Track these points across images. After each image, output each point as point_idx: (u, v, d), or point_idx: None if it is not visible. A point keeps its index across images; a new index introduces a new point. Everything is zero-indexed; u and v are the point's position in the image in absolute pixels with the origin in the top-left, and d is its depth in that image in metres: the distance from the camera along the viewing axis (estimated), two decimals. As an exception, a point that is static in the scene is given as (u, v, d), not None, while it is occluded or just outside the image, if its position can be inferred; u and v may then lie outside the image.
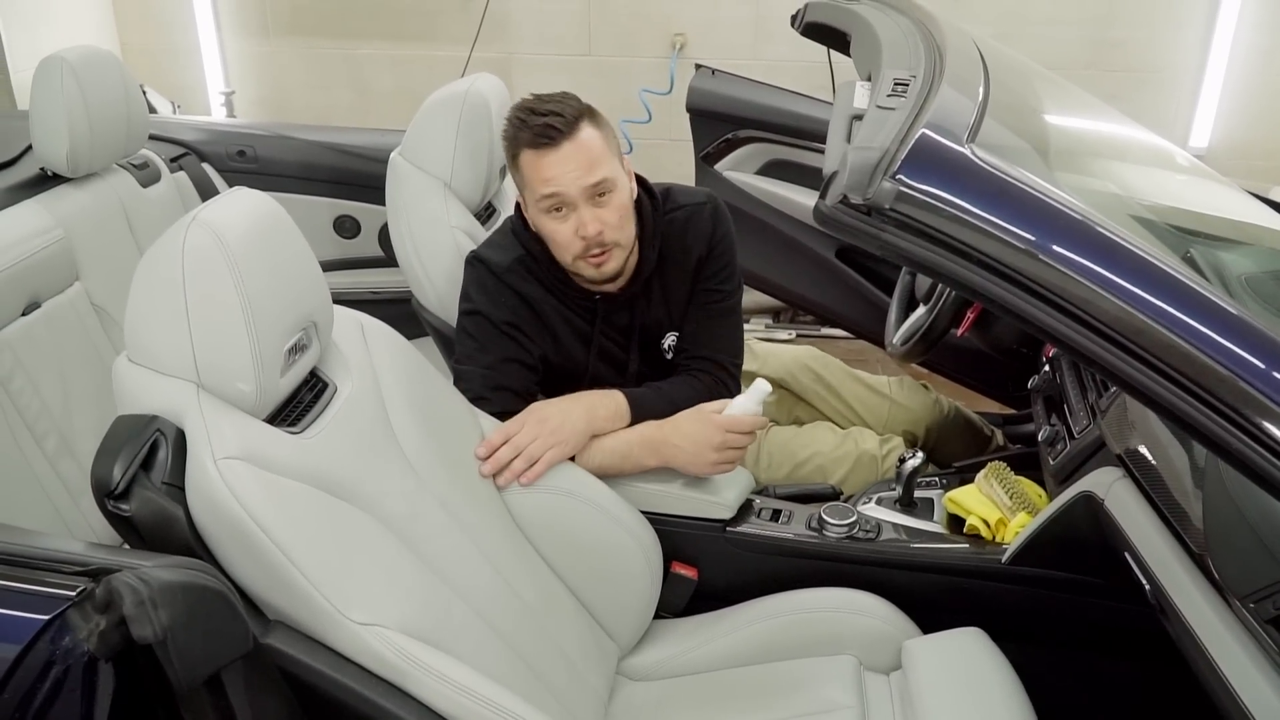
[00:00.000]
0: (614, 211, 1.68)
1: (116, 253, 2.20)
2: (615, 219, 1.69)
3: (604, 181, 1.66)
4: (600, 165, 1.66)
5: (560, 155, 1.64)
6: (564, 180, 1.65)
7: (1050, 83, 1.66)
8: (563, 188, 1.65)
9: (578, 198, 1.66)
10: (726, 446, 1.66)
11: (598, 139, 1.67)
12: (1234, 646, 1.09)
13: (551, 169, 1.65)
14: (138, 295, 1.19)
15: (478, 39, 3.87)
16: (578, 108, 1.67)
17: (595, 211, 1.67)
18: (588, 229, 1.66)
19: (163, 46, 4.14)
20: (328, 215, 2.79)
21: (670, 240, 1.81)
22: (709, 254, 1.83)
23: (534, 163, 1.67)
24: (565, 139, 1.64)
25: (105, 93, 2.14)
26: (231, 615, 1.07)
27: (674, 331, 1.86)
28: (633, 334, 1.84)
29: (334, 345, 1.40)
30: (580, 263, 1.71)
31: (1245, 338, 0.91)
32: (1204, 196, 1.68)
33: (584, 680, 1.54)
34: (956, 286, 0.97)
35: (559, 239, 1.70)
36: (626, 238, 1.72)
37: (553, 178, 1.65)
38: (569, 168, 1.64)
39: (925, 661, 1.54)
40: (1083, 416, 1.66)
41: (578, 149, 1.65)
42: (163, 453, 1.14)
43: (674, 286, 1.84)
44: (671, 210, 1.82)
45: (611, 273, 1.73)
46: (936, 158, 0.97)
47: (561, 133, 1.64)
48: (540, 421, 1.63)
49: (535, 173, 1.67)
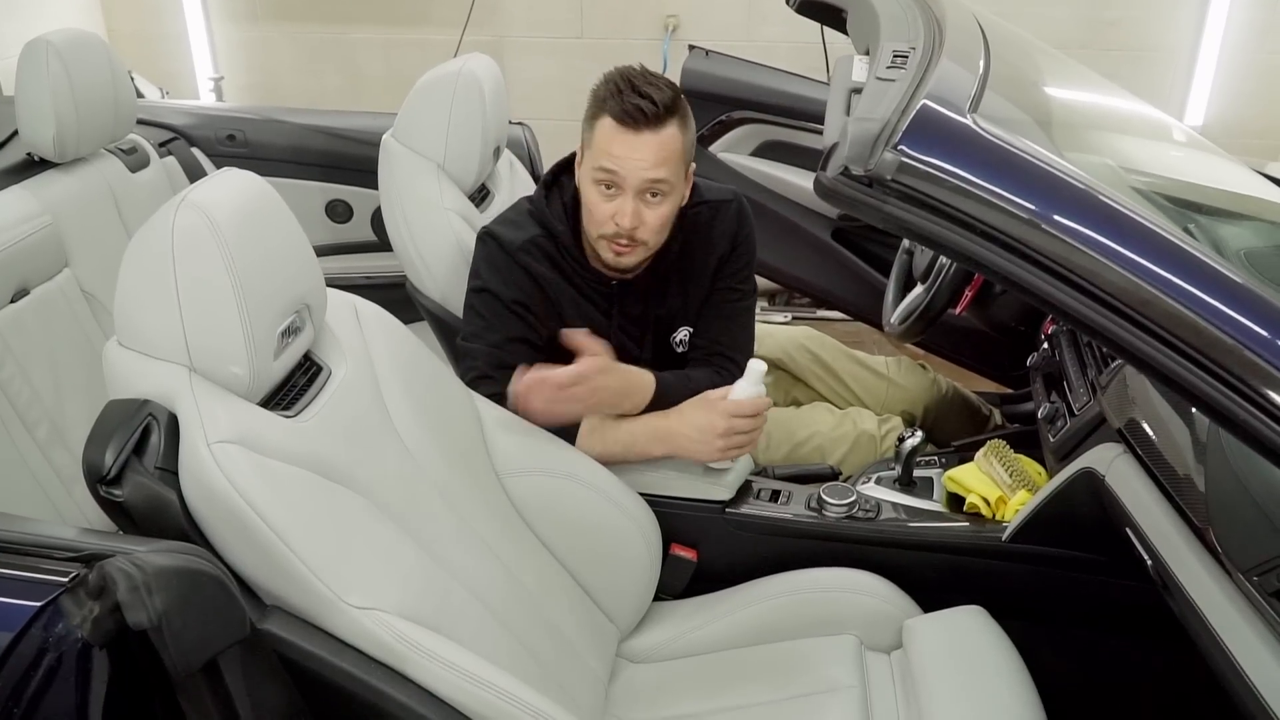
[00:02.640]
0: (658, 216, 1.66)
1: (105, 238, 2.18)
2: (656, 223, 1.67)
3: (662, 183, 1.64)
4: (667, 166, 1.63)
5: (637, 141, 1.61)
6: (629, 165, 1.62)
7: (1050, 57, 1.64)
8: (624, 171, 1.62)
9: (631, 186, 1.63)
10: (733, 432, 1.64)
11: (678, 143, 1.65)
12: (1238, 620, 1.09)
13: (623, 148, 1.62)
14: (127, 278, 1.18)
15: (469, 22, 3.84)
16: (674, 103, 1.64)
17: (640, 207, 1.65)
18: (625, 220, 1.64)
19: (150, 32, 4.11)
20: (319, 199, 2.77)
21: (693, 235, 1.79)
22: (732, 252, 1.82)
23: (608, 134, 1.63)
24: (648, 128, 1.61)
25: (91, 76, 2.12)
26: (227, 600, 1.05)
27: (687, 326, 1.84)
28: (647, 325, 1.82)
29: (328, 328, 1.39)
30: (603, 242, 1.70)
31: (1251, 307, 0.91)
32: (1205, 170, 1.67)
33: (584, 663, 1.54)
34: (959, 259, 0.96)
35: (597, 213, 1.68)
36: (656, 243, 1.71)
37: (619, 157, 1.62)
38: (639, 156, 1.62)
39: (926, 640, 1.53)
40: (1083, 393, 1.65)
41: (655, 142, 1.62)
42: (155, 437, 1.12)
43: (692, 281, 1.82)
44: (697, 204, 1.80)
45: (628, 266, 1.72)
46: (938, 128, 0.96)
47: (649, 120, 1.61)
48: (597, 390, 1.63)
49: (605, 143, 1.64)
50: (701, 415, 1.65)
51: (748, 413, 1.64)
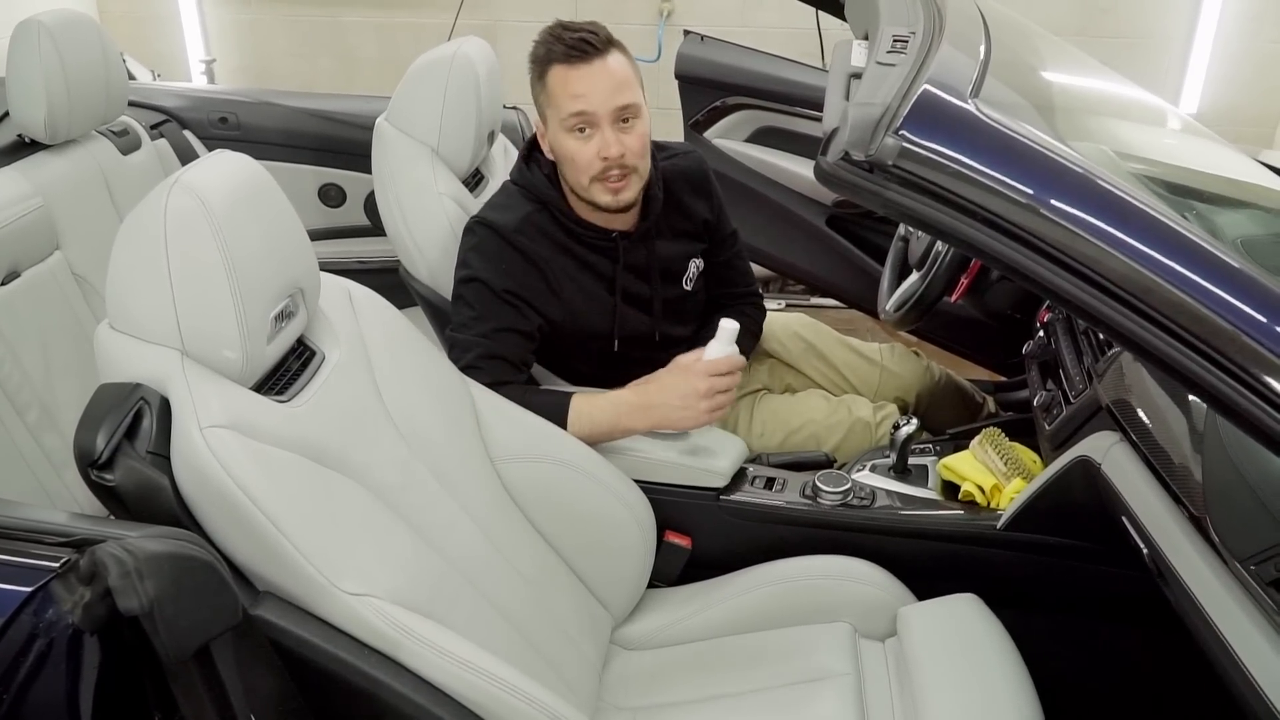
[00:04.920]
0: (637, 138, 1.72)
1: (97, 221, 2.17)
2: (638, 145, 1.72)
3: (631, 106, 1.70)
4: (628, 89, 1.70)
5: (592, 70, 1.67)
6: (594, 98, 1.67)
7: (1050, 42, 1.63)
8: (592, 106, 1.68)
9: (604, 118, 1.68)
10: (714, 391, 1.66)
11: (627, 66, 1.72)
12: (1234, 609, 1.09)
13: (582, 84, 1.68)
14: (119, 260, 1.16)
15: (462, 6, 3.81)
16: (608, 35, 1.71)
17: (619, 135, 1.70)
18: (610, 149, 1.69)
19: (142, 14, 4.08)
20: (312, 184, 2.75)
21: (672, 183, 1.87)
22: (716, 217, 1.95)
23: (564, 77, 1.69)
24: (598, 56, 1.68)
25: (83, 56, 2.10)
26: (220, 586, 1.04)
27: (694, 259, 1.95)
28: (653, 270, 1.88)
29: (321, 313, 1.37)
30: (597, 186, 1.73)
31: (1252, 295, 0.90)
32: (1203, 157, 1.66)
33: (578, 650, 1.53)
34: (960, 245, 0.95)
35: (580, 159, 1.71)
36: (645, 167, 1.76)
37: (583, 93, 1.67)
38: (599, 85, 1.67)
39: (920, 628, 1.53)
40: (1078, 381, 1.65)
41: (608, 69, 1.68)
42: (147, 421, 1.11)
43: (686, 230, 1.91)
44: (668, 157, 1.90)
45: (628, 201, 1.76)
46: (940, 113, 0.95)
47: (596, 49, 1.68)
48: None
49: (564, 88, 1.69)
50: (682, 381, 1.66)
51: (724, 370, 1.66)
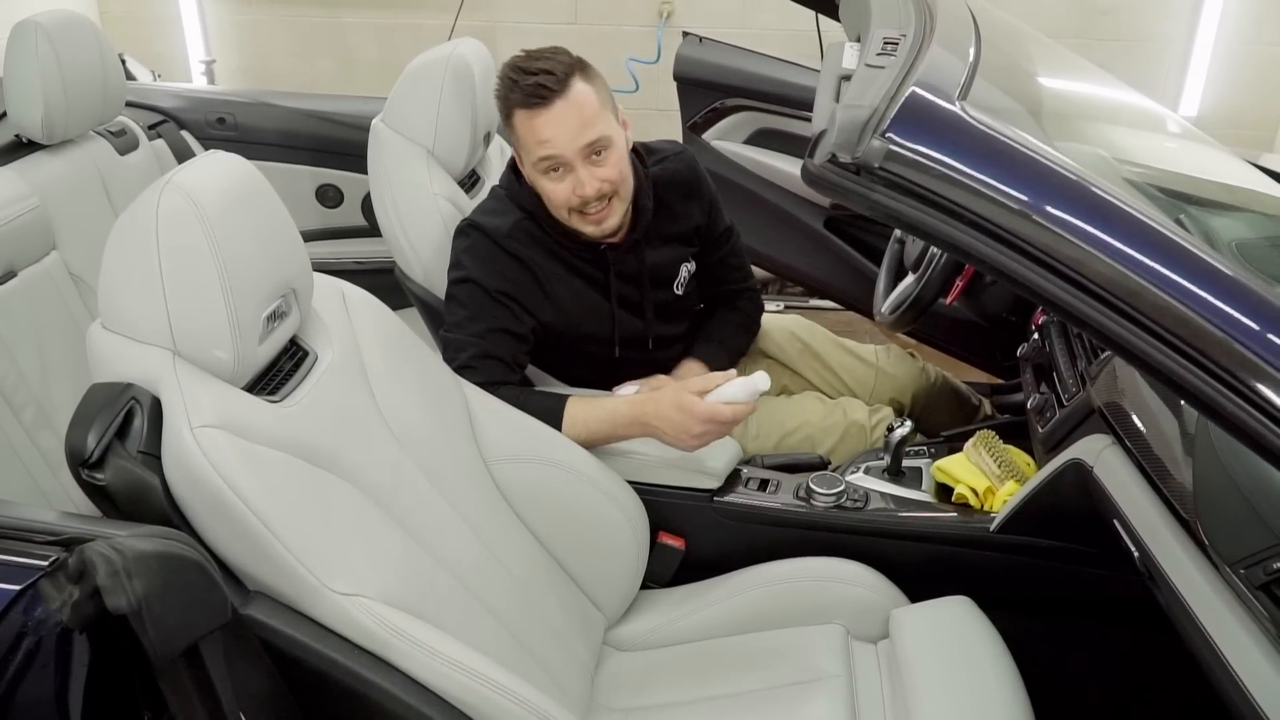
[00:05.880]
0: (611, 168, 1.70)
1: (94, 221, 2.17)
2: (614, 174, 1.70)
3: (599, 140, 1.67)
4: (595, 123, 1.66)
5: (553, 114, 1.64)
6: (559, 141, 1.65)
7: (1044, 46, 1.63)
8: (558, 149, 1.65)
9: (574, 158, 1.66)
10: (707, 435, 1.61)
11: (590, 94, 1.67)
12: (1223, 613, 1.09)
13: (546, 130, 1.65)
14: (111, 261, 1.17)
15: (462, 7, 3.81)
16: (568, 63, 1.66)
17: (592, 170, 1.68)
18: (585, 189, 1.67)
19: (142, 14, 4.08)
20: (310, 184, 2.76)
21: (663, 189, 1.85)
22: (709, 218, 1.94)
23: (528, 123, 1.66)
24: (558, 97, 1.63)
25: (80, 57, 2.10)
26: (209, 585, 1.04)
27: (685, 263, 1.93)
28: (643, 278, 1.86)
29: (314, 313, 1.38)
30: (576, 218, 1.73)
31: (1240, 299, 0.90)
32: (1197, 161, 1.66)
33: (570, 651, 1.53)
34: (947, 248, 0.95)
35: (556, 198, 1.71)
36: (626, 190, 1.74)
37: (548, 139, 1.65)
38: (564, 127, 1.64)
39: (913, 630, 1.53)
40: (1072, 384, 1.65)
41: (570, 107, 1.64)
42: (138, 421, 1.11)
43: (677, 236, 1.90)
44: (657, 161, 1.88)
45: (613, 228, 1.75)
46: (927, 116, 0.95)
47: (554, 91, 1.63)
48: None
49: (530, 134, 1.67)
50: (678, 415, 1.60)
51: (725, 419, 1.59)
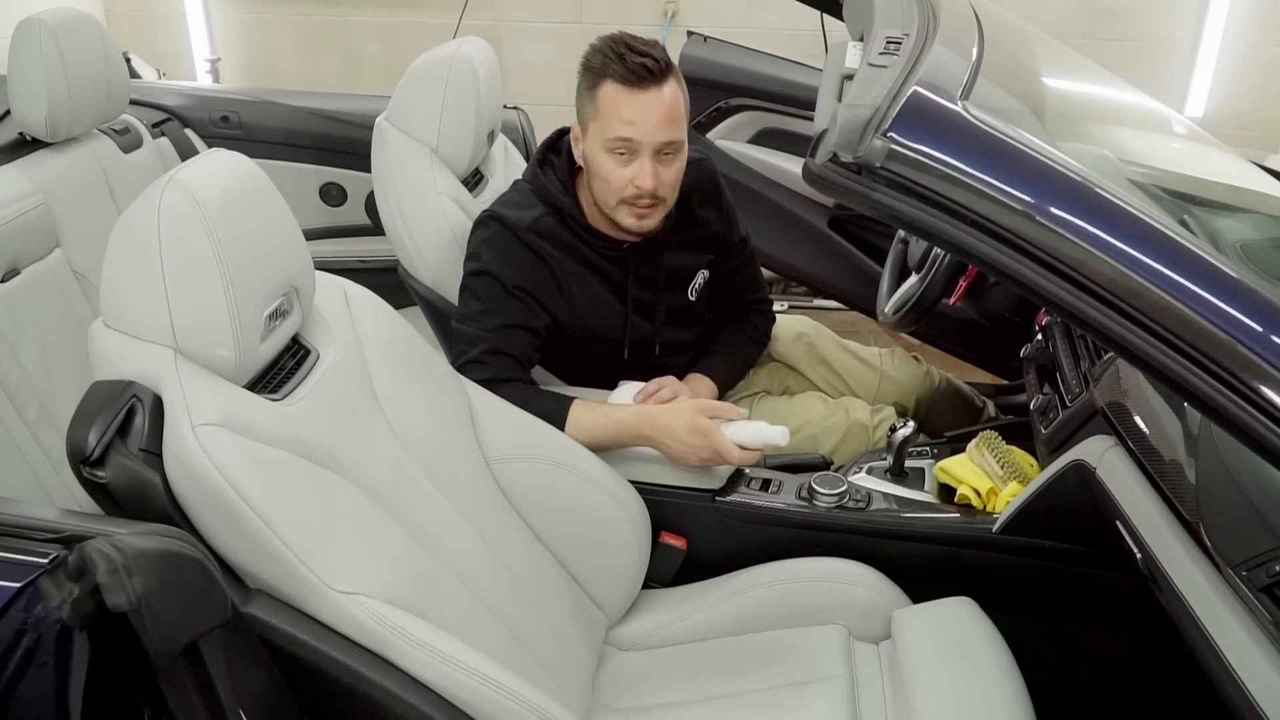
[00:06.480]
0: (673, 172, 1.72)
1: (97, 219, 2.17)
2: (672, 180, 1.72)
3: (675, 143, 1.69)
4: (677, 125, 1.69)
5: (647, 99, 1.64)
6: (643, 127, 1.65)
7: (1048, 46, 1.63)
8: (639, 135, 1.66)
9: (647, 149, 1.67)
10: (710, 462, 1.65)
11: (680, 98, 1.69)
12: (1226, 615, 1.08)
13: (635, 111, 1.65)
14: (113, 259, 1.17)
15: (467, 5, 3.81)
16: (668, 60, 1.68)
17: (658, 168, 1.69)
18: (647, 181, 1.68)
19: (147, 13, 4.09)
20: (314, 182, 2.76)
21: (686, 197, 1.86)
22: (725, 227, 1.95)
23: (616, 98, 1.66)
24: (654, 85, 1.65)
25: (84, 55, 2.10)
26: (209, 583, 1.04)
27: (701, 270, 1.94)
28: (659, 281, 1.87)
29: (316, 312, 1.38)
30: (624, 208, 1.73)
31: (1243, 300, 0.89)
32: (1202, 162, 1.66)
33: (571, 650, 1.53)
34: (948, 248, 0.95)
35: (614, 181, 1.70)
36: (673, 199, 1.77)
37: (634, 121, 1.65)
38: (651, 116, 1.65)
39: (914, 631, 1.53)
40: (1075, 385, 1.64)
41: (663, 99, 1.65)
42: (139, 419, 1.11)
43: (696, 240, 1.91)
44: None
45: (651, 228, 1.77)
46: (929, 115, 0.95)
47: (655, 77, 1.64)
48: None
49: (615, 110, 1.66)
50: (691, 438, 1.63)
51: (732, 460, 1.62)
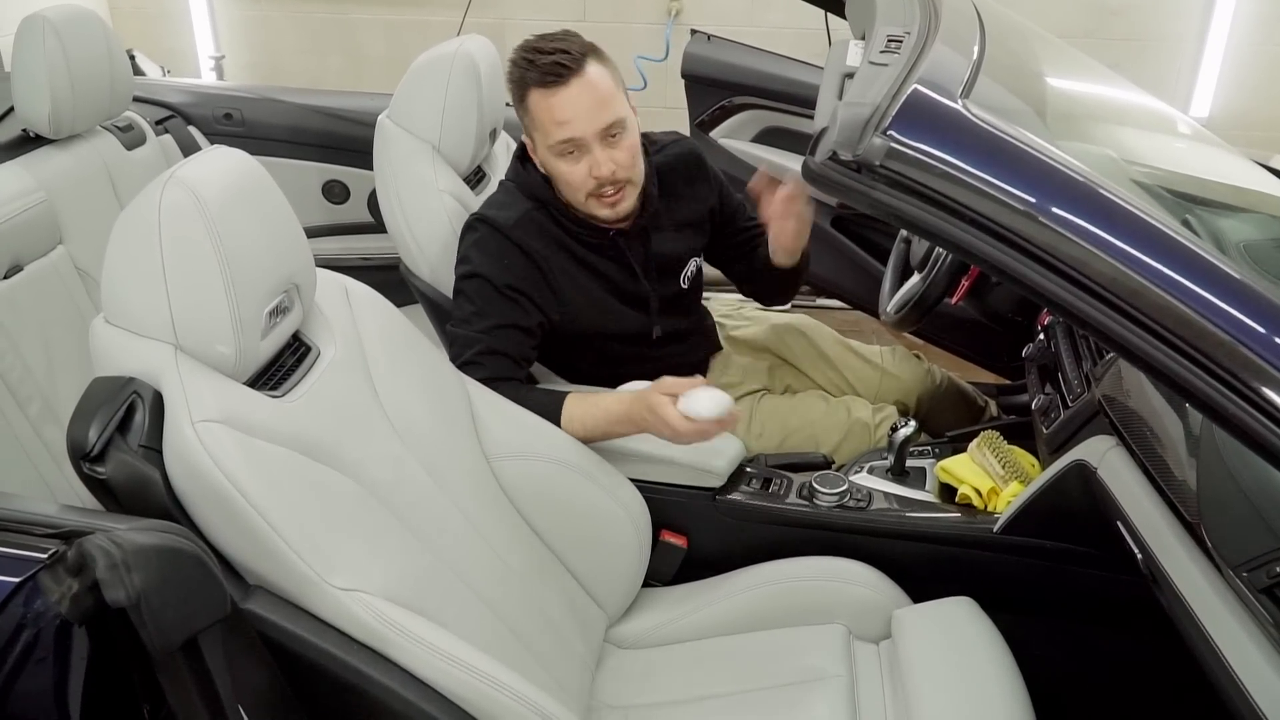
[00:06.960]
0: (626, 151, 1.70)
1: (100, 215, 2.17)
2: (628, 158, 1.71)
3: (615, 122, 1.68)
4: (611, 104, 1.67)
5: (571, 94, 1.64)
6: (579, 121, 1.65)
7: (1051, 45, 1.62)
8: (577, 130, 1.66)
9: (591, 139, 1.67)
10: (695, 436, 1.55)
11: (606, 76, 1.68)
12: (1226, 616, 1.08)
13: (564, 110, 1.65)
14: (114, 255, 1.17)
15: (471, 4, 3.81)
16: (582, 45, 1.67)
17: (608, 152, 1.68)
18: (601, 170, 1.68)
19: (152, 10, 4.09)
20: (316, 180, 2.76)
21: (666, 176, 1.85)
22: (720, 198, 1.94)
23: (544, 103, 1.66)
24: (574, 76, 1.64)
25: (88, 51, 2.11)
26: (208, 579, 1.04)
27: (695, 257, 1.93)
28: (650, 267, 1.86)
29: (317, 309, 1.38)
30: (593, 202, 1.73)
31: (1244, 301, 0.89)
32: (1206, 162, 1.65)
33: (571, 648, 1.53)
34: (948, 246, 0.95)
35: (573, 180, 1.71)
36: (639, 175, 1.75)
37: (567, 119, 1.65)
38: (582, 107, 1.65)
39: (915, 631, 1.53)
40: (1077, 385, 1.64)
41: (587, 87, 1.65)
42: (139, 415, 1.12)
43: (688, 223, 1.90)
44: (659, 149, 1.88)
45: (626, 211, 1.76)
46: (929, 114, 0.95)
47: (570, 69, 1.64)
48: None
49: (547, 114, 1.67)
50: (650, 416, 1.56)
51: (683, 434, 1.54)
